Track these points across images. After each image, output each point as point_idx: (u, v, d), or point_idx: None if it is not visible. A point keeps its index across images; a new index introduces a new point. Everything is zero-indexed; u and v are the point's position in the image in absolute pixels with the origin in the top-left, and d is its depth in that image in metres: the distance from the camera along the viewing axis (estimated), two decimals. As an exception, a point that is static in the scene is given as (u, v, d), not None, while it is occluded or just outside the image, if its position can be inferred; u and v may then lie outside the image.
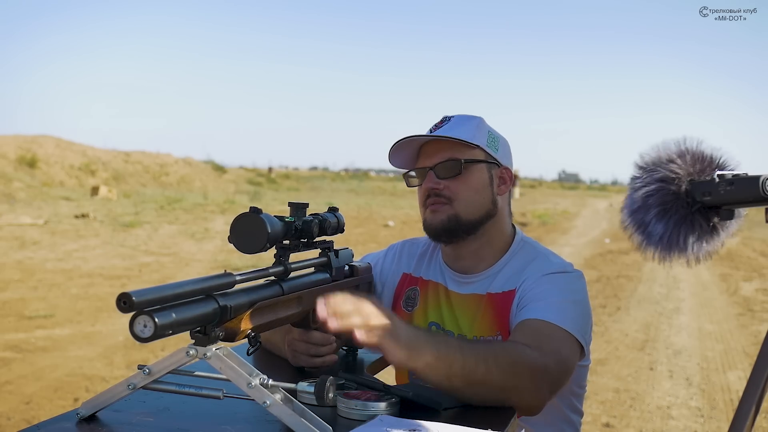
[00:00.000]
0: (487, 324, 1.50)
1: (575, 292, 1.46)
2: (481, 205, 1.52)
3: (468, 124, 1.54)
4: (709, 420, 4.03)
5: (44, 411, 3.78)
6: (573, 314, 1.39)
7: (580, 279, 1.51)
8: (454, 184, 1.50)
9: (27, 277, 7.65)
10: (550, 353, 1.27)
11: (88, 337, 5.36)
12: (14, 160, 23.13)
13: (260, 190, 28.53)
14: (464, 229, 1.51)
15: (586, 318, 1.44)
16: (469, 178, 1.50)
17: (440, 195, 1.50)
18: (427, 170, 1.52)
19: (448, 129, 1.52)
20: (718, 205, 1.22)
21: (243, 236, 1.08)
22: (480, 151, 1.52)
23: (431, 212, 1.52)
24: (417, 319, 1.60)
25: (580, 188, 61.93)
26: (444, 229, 1.51)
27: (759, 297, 8.03)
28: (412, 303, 1.62)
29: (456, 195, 1.50)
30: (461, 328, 1.54)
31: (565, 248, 12.06)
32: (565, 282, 1.46)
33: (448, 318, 1.56)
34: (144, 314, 0.88)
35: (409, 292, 1.64)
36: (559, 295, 1.42)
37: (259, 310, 1.07)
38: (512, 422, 1.12)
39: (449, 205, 1.50)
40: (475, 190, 1.51)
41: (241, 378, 0.98)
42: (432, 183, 1.50)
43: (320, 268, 1.33)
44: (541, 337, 1.31)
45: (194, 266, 8.84)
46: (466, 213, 1.50)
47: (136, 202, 18.26)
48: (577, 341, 1.36)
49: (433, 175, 1.51)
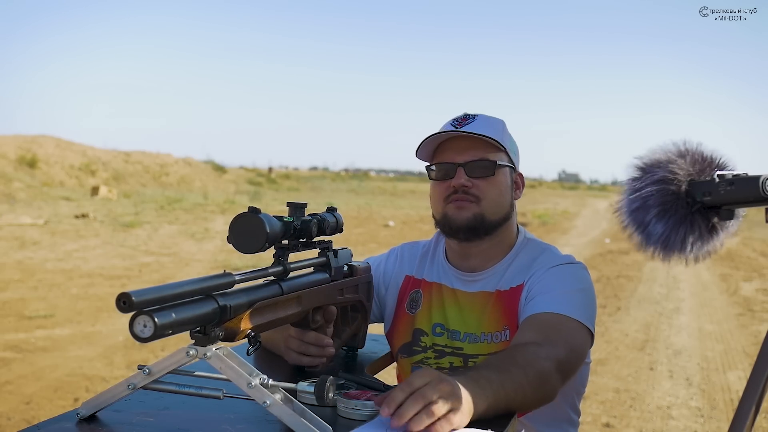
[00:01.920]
0: (494, 320, 1.52)
1: (580, 281, 1.49)
2: (503, 208, 1.55)
3: (496, 125, 1.56)
4: (709, 420, 4.03)
5: (44, 411, 3.78)
6: (580, 303, 1.42)
7: (583, 269, 1.53)
8: (484, 183, 1.51)
9: (27, 277, 7.65)
10: (562, 344, 1.30)
11: (88, 337, 5.36)
12: (14, 160, 23.14)
13: (260, 190, 28.53)
14: (486, 229, 1.53)
15: (593, 306, 1.47)
16: (498, 180, 1.53)
17: (469, 193, 1.51)
18: (457, 166, 1.52)
19: (477, 127, 1.52)
20: (718, 205, 1.22)
21: (242, 236, 1.08)
22: (505, 154, 1.55)
23: (456, 208, 1.52)
24: (420, 320, 1.61)
25: (580, 188, 61.94)
26: (468, 227, 1.52)
27: (759, 297, 8.03)
28: (415, 305, 1.63)
29: (485, 195, 1.51)
30: (468, 326, 1.55)
31: (565, 248, 12.03)
32: (570, 272, 1.49)
33: (453, 317, 1.57)
34: (144, 314, 0.88)
35: (413, 295, 1.65)
36: (565, 286, 1.44)
37: (259, 310, 1.07)
38: (512, 422, 1.12)
39: (476, 204, 1.51)
40: (501, 193, 1.53)
41: (241, 378, 0.97)
42: (464, 180, 1.51)
43: (319, 267, 1.33)
44: (551, 330, 1.33)
45: (194, 266, 8.84)
46: (491, 214, 1.52)
47: (136, 202, 18.26)
48: (587, 328, 1.39)
49: (464, 172, 1.51)
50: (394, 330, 1.66)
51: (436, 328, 1.59)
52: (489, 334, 1.52)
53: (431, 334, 1.59)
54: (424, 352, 1.59)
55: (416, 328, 1.61)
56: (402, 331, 1.64)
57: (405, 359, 1.62)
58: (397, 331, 1.65)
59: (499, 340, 1.51)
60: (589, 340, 1.40)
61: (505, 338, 1.51)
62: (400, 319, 1.65)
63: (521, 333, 1.37)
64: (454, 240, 1.58)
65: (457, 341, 1.55)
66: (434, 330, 1.59)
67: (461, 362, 1.54)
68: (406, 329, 1.63)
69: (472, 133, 1.50)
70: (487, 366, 1.16)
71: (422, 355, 1.59)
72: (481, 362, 1.25)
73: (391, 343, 1.68)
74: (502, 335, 1.51)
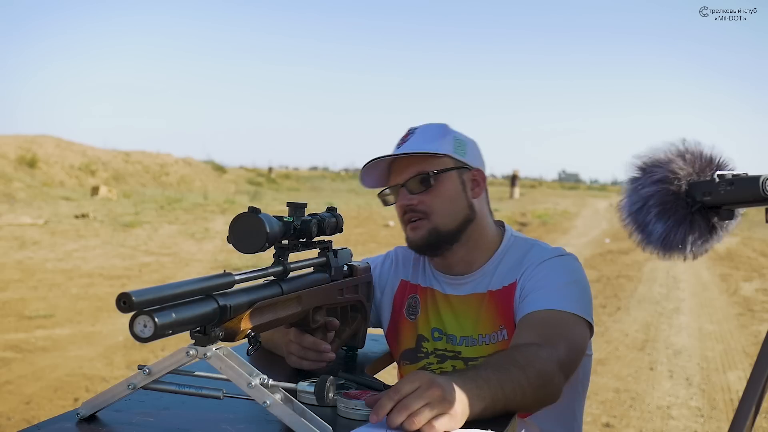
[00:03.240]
0: (490, 320, 1.52)
1: (573, 272, 1.48)
2: (458, 213, 1.52)
3: (432, 133, 1.54)
4: (709, 420, 4.03)
5: (44, 411, 3.78)
6: (575, 296, 1.41)
7: (574, 260, 1.53)
8: (427, 197, 1.50)
9: (27, 277, 7.65)
10: (562, 342, 1.29)
11: (88, 337, 5.36)
12: (14, 160, 23.13)
13: (260, 190, 28.53)
14: (446, 240, 1.52)
15: (588, 297, 1.46)
16: (441, 189, 1.50)
17: (416, 210, 1.50)
18: (399, 187, 1.52)
19: (413, 142, 1.52)
20: (718, 205, 1.22)
21: (242, 236, 1.08)
22: (448, 158, 1.52)
23: (411, 229, 1.52)
24: (421, 326, 1.61)
25: (580, 188, 61.89)
26: (426, 245, 1.52)
27: (759, 297, 8.03)
28: (414, 311, 1.63)
29: (431, 208, 1.50)
30: (464, 329, 1.54)
31: (565, 248, 12.03)
32: (561, 265, 1.49)
33: (449, 322, 1.57)
34: (144, 314, 0.88)
35: (410, 300, 1.64)
36: (558, 279, 1.44)
37: (259, 310, 1.07)
38: (512, 422, 1.12)
39: (427, 219, 1.50)
40: (450, 200, 1.51)
41: (241, 378, 0.98)
42: (406, 200, 1.50)
43: (319, 267, 1.33)
44: (549, 328, 1.33)
45: (194, 266, 8.84)
46: (444, 224, 1.50)
47: (136, 202, 18.26)
48: (585, 320, 1.39)
49: (406, 191, 1.51)
50: (394, 336, 1.66)
51: (435, 333, 1.58)
52: (486, 335, 1.52)
53: (431, 339, 1.59)
54: (426, 357, 1.59)
55: (419, 334, 1.61)
56: (404, 337, 1.63)
57: (408, 366, 1.61)
58: (398, 338, 1.65)
59: (497, 341, 1.51)
60: (588, 331, 1.41)
61: (502, 338, 1.50)
62: (400, 325, 1.64)
63: (520, 333, 1.37)
64: (427, 256, 1.59)
65: (455, 345, 1.55)
66: (433, 335, 1.59)
67: (463, 365, 1.53)
68: (408, 336, 1.62)
69: (397, 155, 1.50)
70: (486, 366, 1.16)
71: (425, 361, 1.59)
72: (481, 362, 1.25)
73: (392, 348, 1.68)
74: (499, 335, 1.51)
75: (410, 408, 0.98)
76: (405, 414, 0.98)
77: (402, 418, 0.98)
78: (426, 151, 1.49)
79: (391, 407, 0.99)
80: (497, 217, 1.66)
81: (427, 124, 1.58)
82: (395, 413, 0.98)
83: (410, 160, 1.51)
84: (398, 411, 0.98)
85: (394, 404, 0.99)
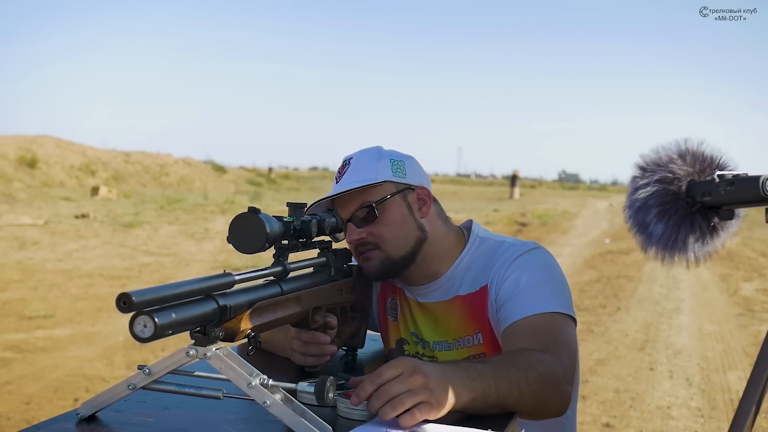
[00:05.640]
0: (463, 325, 1.50)
1: (546, 268, 1.45)
2: (409, 238, 1.48)
3: (367, 160, 1.49)
4: (709, 420, 4.03)
5: (44, 411, 3.78)
6: (554, 293, 1.39)
7: (545, 253, 1.49)
8: (375, 228, 1.46)
9: (27, 277, 7.65)
10: (561, 349, 1.27)
11: (88, 337, 5.36)
12: (14, 160, 23.14)
13: (260, 190, 28.54)
14: (400, 265, 1.48)
15: (566, 290, 1.43)
16: (388, 217, 1.46)
17: (366, 243, 1.47)
18: (345, 223, 1.47)
19: (350, 174, 1.48)
20: (718, 205, 1.22)
21: (242, 236, 1.08)
22: (389, 184, 1.47)
23: (363, 260, 1.48)
24: (402, 329, 1.60)
25: (580, 188, 61.94)
26: (381, 273, 1.49)
27: (759, 297, 8.03)
28: (394, 313, 1.62)
29: (381, 238, 1.46)
30: (440, 335, 1.53)
31: (565, 248, 12.06)
32: (533, 262, 1.44)
33: (424, 327, 1.56)
34: (144, 314, 0.88)
35: (390, 303, 1.63)
36: (533, 279, 1.40)
37: (259, 310, 1.07)
38: (512, 423, 1.12)
39: (378, 249, 1.46)
40: (398, 226, 1.47)
41: (241, 378, 0.97)
42: (355, 234, 1.46)
43: (319, 267, 1.33)
44: (542, 335, 1.31)
45: (194, 266, 8.84)
46: (396, 251, 1.47)
47: (136, 203, 18.26)
48: (570, 316, 1.37)
49: (353, 226, 1.47)
50: (383, 335, 1.66)
51: (414, 336, 1.58)
52: (460, 339, 1.50)
53: (411, 342, 1.58)
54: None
55: (401, 337, 1.60)
56: (389, 337, 1.63)
57: None
58: (385, 337, 1.65)
59: (472, 344, 1.49)
60: (574, 326, 1.39)
61: (478, 342, 1.48)
62: (385, 325, 1.64)
63: (512, 344, 1.33)
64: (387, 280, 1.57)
65: (432, 351, 1.54)
66: (413, 339, 1.58)
67: None
68: (392, 336, 1.62)
69: (337, 194, 1.45)
70: (485, 361, 1.16)
71: None
72: (482, 359, 1.25)
73: (384, 347, 1.68)
74: (474, 339, 1.48)
75: (390, 393, 0.99)
76: (384, 399, 0.98)
77: (381, 403, 0.98)
78: (362, 184, 1.44)
79: (371, 391, 1.00)
80: (497, 216, 1.66)
81: (360, 150, 1.53)
82: (375, 398, 0.99)
83: (352, 194, 1.46)
84: (378, 396, 0.99)
85: (375, 388, 1.00)
